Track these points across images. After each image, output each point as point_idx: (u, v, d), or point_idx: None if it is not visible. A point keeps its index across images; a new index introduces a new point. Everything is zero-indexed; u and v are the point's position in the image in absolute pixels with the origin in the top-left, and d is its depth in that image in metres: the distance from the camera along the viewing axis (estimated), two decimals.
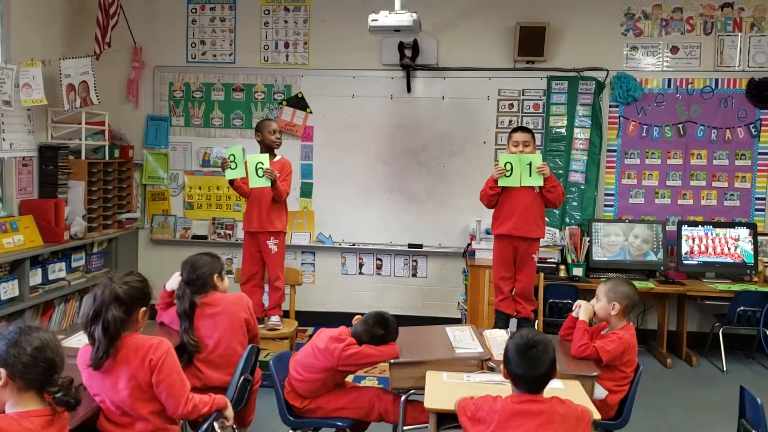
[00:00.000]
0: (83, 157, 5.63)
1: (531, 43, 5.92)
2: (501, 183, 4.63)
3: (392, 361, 3.13)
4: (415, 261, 6.32)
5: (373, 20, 4.79)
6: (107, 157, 5.94)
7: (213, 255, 3.46)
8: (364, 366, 3.23)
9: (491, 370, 3.10)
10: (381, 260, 6.35)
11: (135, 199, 6.42)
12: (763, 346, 5.42)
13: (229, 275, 6.22)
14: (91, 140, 5.82)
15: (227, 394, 3.05)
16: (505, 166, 4.59)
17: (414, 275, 6.33)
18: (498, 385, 2.86)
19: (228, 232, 6.40)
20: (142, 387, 2.46)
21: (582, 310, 3.43)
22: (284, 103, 6.28)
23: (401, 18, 4.73)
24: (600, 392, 3.14)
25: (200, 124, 6.39)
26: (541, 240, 4.85)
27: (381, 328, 3.19)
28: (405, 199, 6.22)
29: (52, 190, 5.37)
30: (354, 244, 6.30)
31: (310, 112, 6.27)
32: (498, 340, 3.45)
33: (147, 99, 6.40)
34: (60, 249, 5.27)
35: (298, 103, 6.28)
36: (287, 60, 6.31)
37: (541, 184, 4.55)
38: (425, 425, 3.08)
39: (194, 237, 6.41)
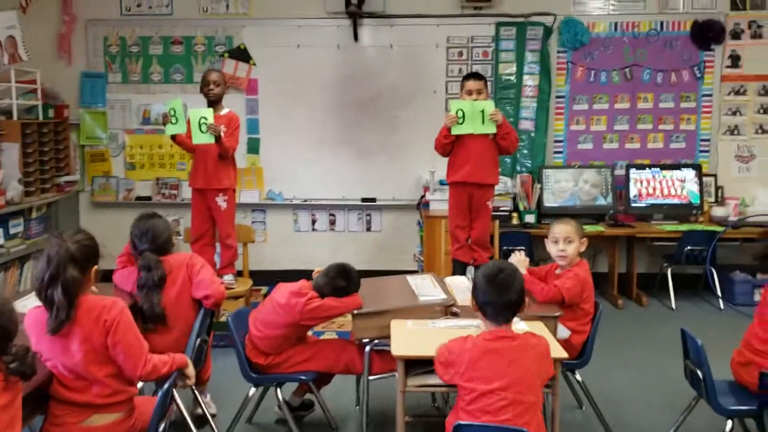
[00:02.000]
0: (15, 117, 5.31)
1: None
2: (454, 131, 4.56)
3: (355, 311, 3.07)
4: (369, 215, 6.25)
5: None
6: (41, 118, 5.63)
7: (158, 215, 3.30)
8: (328, 318, 3.17)
9: (455, 315, 3.07)
10: (334, 215, 6.26)
11: (73, 160, 6.13)
12: (709, 283, 5.60)
13: (178, 236, 6.09)
14: (23, 99, 5.50)
15: None
16: (456, 113, 4.52)
17: (368, 229, 6.26)
18: (464, 329, 2.83)
19: (173, 192, 6.19)
20: (96, 349, 2.33)
21: (518, 265, 3.42)
22: (226, 55, 6.05)
23: None
24: (563, 332, 3.15)
25: (138, 80, 6.11)
26: (495, 188, 4.82)
27: (343, 280, 3.12)
28: (356, 152, 6.11)
29: None
30: (306, 200, 6.18)
31: (254, 64, 6.06)
32: (460, 286, 3.43)
33: (80, 55, 6.08)
34: None
35: (241, 55, 6.05)
36: (227, 10, 6.05)
37: (494, 131, 4.51)
38: (392, 373, 3.06)
39: (138, 198, 6.19)
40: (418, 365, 2.68)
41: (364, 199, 6.16)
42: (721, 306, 5.56)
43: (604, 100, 6.03)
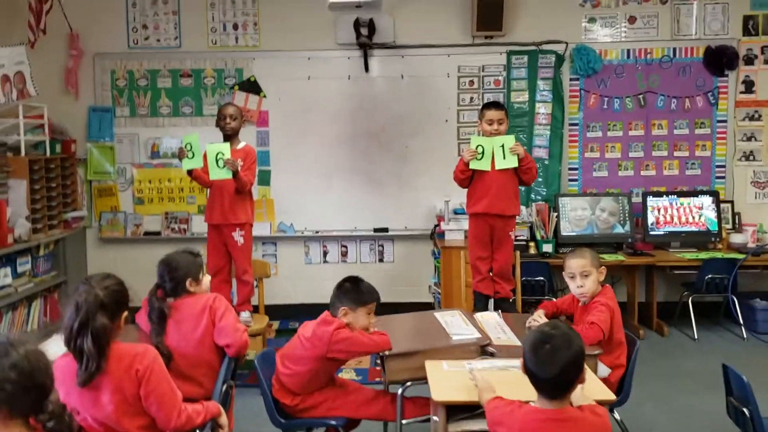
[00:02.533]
0: (23, 153, 5.23)
1: (489, 16, 5.78)
2: (472, 166, 4.46)
3: (387, 353, 2.96)
4: (381, 246, 6.15)
5: None
6: (48, 153, 5.54)
7: (194, 254, 3.15)
8: (355, 354, 3.05)
9: (491, 355, 2.96)
10: (346, 247, 6.16)
11: (80, 196, 6.03)
12: (732, 312, 5.49)
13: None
14: (31, 135, 5.42)
15: None
16: (476, 149, 4.43)
17: (381, 260, 6.16)
18: (503, 371, 2.73)
19: (183, 226, 6.09)
20: (128, 400, 2.22)
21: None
22: (236, 87, 6.00)
23: None
24: (603, 370, 3.04)
25: (147, 114, 6.03)
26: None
27: (349, 283, 3.11)
28: (368, 182, 6.03)
29: None
30: (317, 232, 6.09)
31: (264, 96, 6.00)
32: (491, 323, 3.32)
33: (88, 89, 6.01)
34: (3, 253, 4.88)
35: (251, 87, 6.00)
36: (237, 42, 6.01)
37: (516, 165, 4.42)
38: (425, 417, 2.95)
39: (146, 233, 6.08)
40: (458, 410, 2.57)
41: (376, 230, 6.07)
42: (744, 335, 5.45)
43: (618, 128, 5.98)
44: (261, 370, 3.07)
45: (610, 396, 2.54)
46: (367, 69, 5.92)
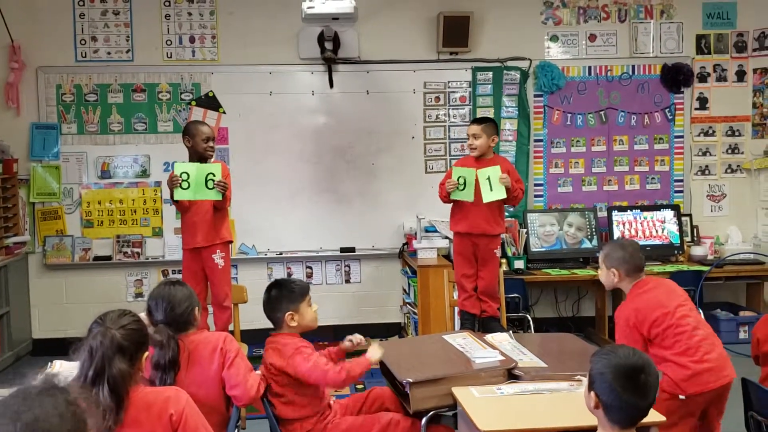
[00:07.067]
0: None
1: (455, 33, 5.75)
2: (454, 197, 4.37)
3: (411, 380, 2.79)
4: (348, 266, 5.96)
5: (309, 7, 4.41)
6: None
7: (181, 283, 2.86)
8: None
9: (517, 378, 2.84)
10: (311, 268, 5.94)
11: (22, 219, 5.58)
12: None
13: (141, 299, 5.61)
14: None
15: None
16: (458, 179, 4.33)
17: (347, 281, 5.97)
18: (535, 395, 2.63)
19: (136, 250, 5.72)
20: None
21: None
22: (193, 103, 5.71)
23: (341, 4, 4.38)
24: None
25: (96, 131, 5.66)
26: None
27: (276, 289, 2.96)
28: (334, 200, 5.85)
29: None
30: (281, 253, 5.84)
31: (224, 112, 5.73)
32: (505, 345, 3.20)
33: (30, 105, 5.58)
34: None
35: (209, 102, 5.72)
36: (194, 56, 5.73)
37: (504, 196, 4.32)
38: None
39: (96, 258, 5.67)
40: None
41: (342, 249, 5.88)
42: None
43: (581, 143, 6.03)
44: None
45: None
46: (331, 84, 5.76)
